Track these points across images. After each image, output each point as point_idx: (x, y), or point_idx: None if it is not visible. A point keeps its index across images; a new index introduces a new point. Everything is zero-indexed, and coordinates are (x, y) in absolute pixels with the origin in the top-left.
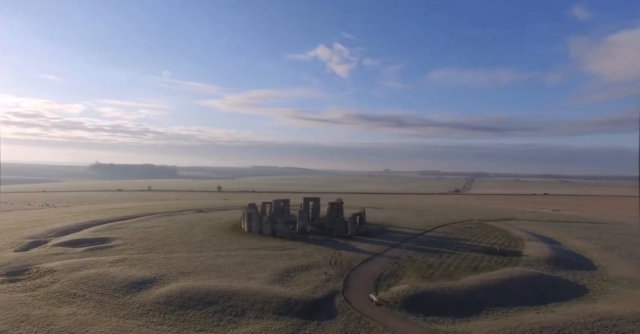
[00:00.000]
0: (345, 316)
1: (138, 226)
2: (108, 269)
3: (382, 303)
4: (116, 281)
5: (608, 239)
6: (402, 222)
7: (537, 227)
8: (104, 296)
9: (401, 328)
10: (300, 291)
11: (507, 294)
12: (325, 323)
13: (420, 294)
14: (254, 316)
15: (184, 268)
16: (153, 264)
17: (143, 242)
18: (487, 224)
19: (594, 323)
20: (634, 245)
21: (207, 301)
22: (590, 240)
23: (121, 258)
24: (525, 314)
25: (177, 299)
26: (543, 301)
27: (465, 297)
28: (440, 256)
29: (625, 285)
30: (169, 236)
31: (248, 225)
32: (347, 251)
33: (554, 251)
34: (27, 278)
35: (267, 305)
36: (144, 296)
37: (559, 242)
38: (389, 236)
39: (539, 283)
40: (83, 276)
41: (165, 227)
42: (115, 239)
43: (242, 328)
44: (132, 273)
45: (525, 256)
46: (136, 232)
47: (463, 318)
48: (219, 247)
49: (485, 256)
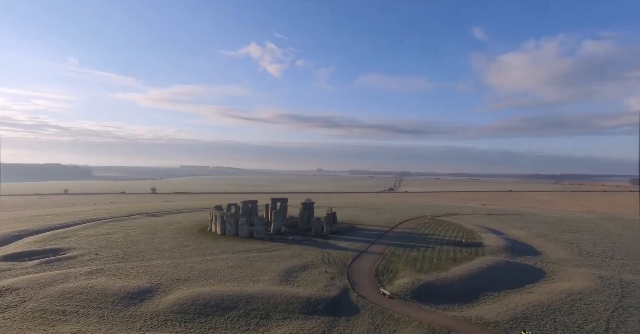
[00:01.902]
0: (367, 310)
1: (89, 233)
2: (89, 282)
3: (394, 296)
4: (109, 294)
5: (536, 228)
6: (365, 220)
7: (480, 220)
8: (102, 310)
9: (424, 317)
10: (314, 290)
11: (490, 280)
12: (354, 318)
13: (424, 286)
14: (280, 317)
15: (177, 275)
16: (138, 273)
17: (109, 251)
18: (439, 219)
19: (566, 298)
20: (556, 232)
21: (225, 307)
22: (524, 230)
23: (95, 268)
24: (512, 296)
25: (192, 306)
26: (519, 284)
27: (460, 285)
28: (418, 250)
29: (567, 265)
30: (135, 242)
31: (222, 227)
32: (332, 249)
33: (506, 241)
34: None
35: (290, 306)
36: (150, 306)
37: (503, 233)
38: (361, 234)
39: (510, 269)
40: (62, 291)
41: (125, 234)
42: (71, 250)
43: (276, 329)
44: (121, 283)
45: (487, 246)
46: (93, 241)
47: (468, 304)
48: (200, 251)
49: (456, 248)
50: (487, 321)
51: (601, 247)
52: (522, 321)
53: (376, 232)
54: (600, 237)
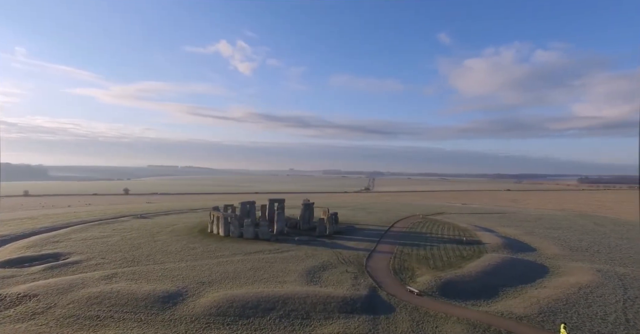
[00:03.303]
0: (402, 308)
1: (83, 237)
2: (111, 287)
3: (422, 293)
4: (139, 298)
5: (521, 225)
6: (360, 220)
7: (469, 218)
8: (138, 315)
9: (458, 313)
10: (344, 290)
11: (503, 276)
12: (392, 316)
13: (445, 283)
14: (322, 317)
15: (198, 278)
16: (157, 277)
17: (114, 255)
18: (430, 218)
19: (579, 292)
20: (541, 229)
21: (263, 308)
22: (512, 227)
23: (109, 273)
24: (529, 291)
25: (229, 309)
26: (530, 279)
27: (477, 282)
28: (425, 249)
29: (564, 260)
30: (137, 245)
31: (225, 229)
32: (342, 249)
33: (502, 239)
34: (4, 307)
35: (327, 306)
36: (186, 309)
37: (495, 231)
38: (362, 234)
39: (516, 265)
40: (87, 296)
41: (122, 237)
42: (72, 254)
43: (322, 328)
44: (147, 287)
45: (487, 244)
46: (91, 245)
47: (491, 299)
48: (211, 253)
49: (460, 246)
50: (518, 315)
51: (586, 243)
52: (550, 314)
53: (376, 232)
54: (581, 233)
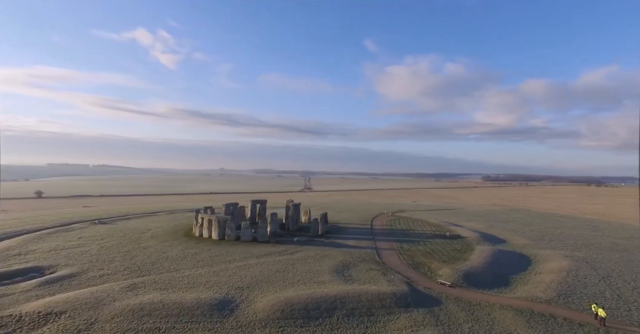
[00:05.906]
0: (446, 299)
1: (48, 247)
2: (146, 297)
3: (454, 285)
4: (191, 307)
5: (479, 220)
6: (340, 220)
7: (430, 214)
8: (201, 324)
9: (495, 300)
10: (386, 286)
11: (502, 265)
12: (444, 307)
13: (466, 274)
14: (385, 312)
15: (233, 284)
16: (185, 284)
17: (113, 264)
18: (399, 215)
19: (568, 275)
20: (495, 222)
21: (325, 308)
22: (474, 222)
23: (127, 284)
24: (533, 277)
25: (292, 311)
26: (523, 267)
27: (489, 272)
28: (420, 244)
29: (534, 249)
30: (127, 253)
31: (220, 232)
32: (348, 248)
33: (476, 232)
34: (29, 328)
35: (384, 302)
36: (247, 315)
37: (463, 226)
38: (352, 232)
39: (506, 255)
40: (129, 309)
41: (100, 246)
42: (57, 266)
43: (395, 323)
44: (191, 295)
45: (468, 238)
46: (69, 255)
47: (509, 287)
48: (222, 258)
49: (447, 241)
50: (543, 299)
51: (537, 233)
52: (567, 296)
53: (362, 230)
54: (526, 225)
